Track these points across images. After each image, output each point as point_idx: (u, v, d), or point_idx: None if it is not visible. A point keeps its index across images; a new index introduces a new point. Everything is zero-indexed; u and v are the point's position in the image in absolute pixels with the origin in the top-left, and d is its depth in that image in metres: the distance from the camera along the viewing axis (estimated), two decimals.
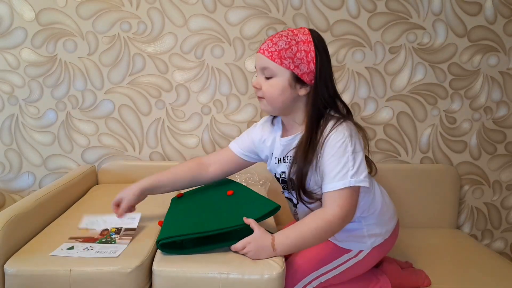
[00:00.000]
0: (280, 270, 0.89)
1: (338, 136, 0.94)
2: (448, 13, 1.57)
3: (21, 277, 0.87)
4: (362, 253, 1.05)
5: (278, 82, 0.96)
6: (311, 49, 0.94)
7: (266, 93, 0.98)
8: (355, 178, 0.93)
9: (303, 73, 0.95)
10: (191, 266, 0.89)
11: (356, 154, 0.94)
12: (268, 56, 0.95)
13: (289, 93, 0.97)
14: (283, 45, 0.94)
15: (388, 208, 1.10)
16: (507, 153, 1.67)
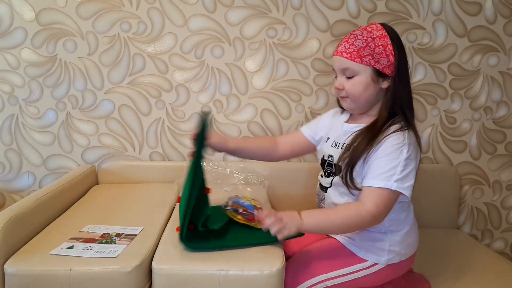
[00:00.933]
0: (280, 266, 0.89)
1: (399, 139, 0.96)
2: (448, 13, 1.57)
3: (21, 277, 0.87)
4: (376, 266, 1.03)
5: (361, 80, 0.99)
6: (388, 42, 0.99)
7: (350, 92, 1.01)
8: (398, 184, 0.94)
9: (383, 66, 0.98)
10: (190, 263, 0.90)
11: (408, 162, 0.96)
12: (347, 57, 0.99)
13: (372, 88, 1.00)
14: (360, 44, 0.98)
15: (414, 233, 1.09)
16: (507, 153, 1.67)
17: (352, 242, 1.06)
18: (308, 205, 1.48)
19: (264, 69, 1.57)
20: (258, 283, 0.88)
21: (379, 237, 1.03)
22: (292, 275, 1.03)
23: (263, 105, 1.60)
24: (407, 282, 1.18)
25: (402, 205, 1.05)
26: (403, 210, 1.06)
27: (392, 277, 1.09)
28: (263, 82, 1.58)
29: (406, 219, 1.07)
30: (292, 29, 1.55)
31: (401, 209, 1.05)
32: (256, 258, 0.92)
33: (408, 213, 1.08)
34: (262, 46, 1.56)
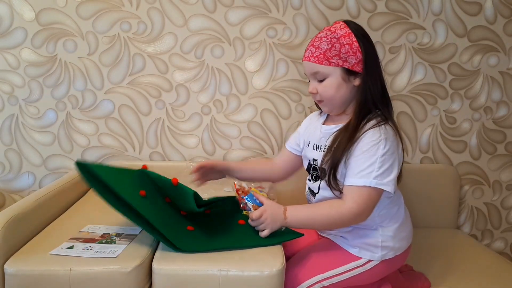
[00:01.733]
0: (280, 266, 0.89)
1: (375, 135, 0.96)
2: (448, 13, 1.57)
3: (21, 277, 0.87)
4: (370, 263, 1.04)
5: (332, 82, 1.00)
6: (353, 40, 0.98)
7: (323, 95, 1.02)
8: (377, 180, 0.94)
9: (352, 64, 0.98)
10: (190, 263, 0.90)
11: (386, 157, 0.96)
12: (315, 61, 0.99)
13: (345, 87, 1.00)
14: (326, 46, 0.98)
15: (407, 227, 1.10)
16: (507, 153, 1.67)
17: (346, 241, 1.07)
18: None
19: (264, 69, 1.57)
20: (258, 284, 0.88)
21: (371, 234, 1.04)
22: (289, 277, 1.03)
23: (263, 105, 1.60)
24: (407, 280, 1.18)
25: (392, 200, 1.05)
26: (394, 205, 1.06)
27: (388, 272, 1.10)
28: (263, 82, 1.58)
29: (397, 214, 1.07)
30: (292, 29, 1.55)
31: (391, 204, 1.05)
32: (256, 259, 0.92)
33: (398, 207, 1.08)
34: (262, 46, 1.56)
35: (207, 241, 0.99)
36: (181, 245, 0.93)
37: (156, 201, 1.05)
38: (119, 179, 1.01)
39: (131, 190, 1.00)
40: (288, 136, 1.61)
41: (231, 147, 1.62)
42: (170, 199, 1.08)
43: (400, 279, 1.17)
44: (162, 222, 0.96)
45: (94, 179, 0.99)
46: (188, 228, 1.01)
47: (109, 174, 1.02)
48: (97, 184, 0.99)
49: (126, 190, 0.98)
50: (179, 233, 0.98)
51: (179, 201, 1.06)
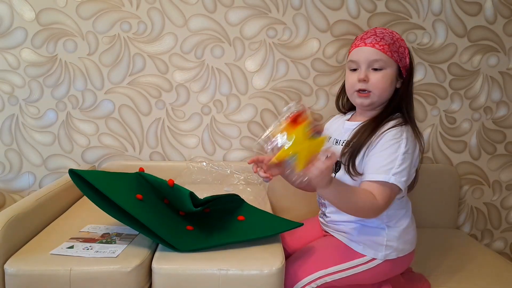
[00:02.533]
0: (279, 265, 0.90)
1: (397, 133, 0.98)
2: (448, 13, 1.57)
3: (21, 277, 0.87)
4: (374, 261, 1.04)
5: (388, 74, 1.02)
6: (405, 46, 1.05)
7: (377, 85, 1.02)
8: (396, 177, 0.95)
9: (403, 66, 1.03)
10: (190, 263, 0.90)
11: (406, 156, 0.96)
12: (380, 48, 1.01)
13: (394, 85, 1.04)
14: (390, 40, 1.02)
15: (412, 231, 1.10)
16: (507, 153, 1.67)
17: (350, 237, 1.07)
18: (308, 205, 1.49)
19: (264, 69, 1.57)
20: (258, 283, 0.88)
21: (377, 232, 1.04)
22: (291, 273, 1.03)
23: (263, 105, 1.60)
24: (406, 281, 1.18)
25: (401, 202, 1.06)
26: (402, 207, 1.07)
27: (391, 274, 1.10)
28: (263, 82, 1.58)
29: (404, 216, 1.08)
30: (292, 29, 1.55)
31: (400, 205, 1.06)
32: (256, 258, 0.92)
33: (406, 210, 1.09)
34: (262, 46, 1.56)
35: (206, 238, 0.99)
36: (180, 245, 0.94)
37: (154, 203, 1.05)
38: (112, 185, 1.01)
39: (126, 195, 1.00)
40: None
41: (231, 147, 1.62)
42: (168, 200, 1.09)
43: (400, 280, 1.17)
44: (160, 224, 0.96)
45: (87, 187, 0.99)
46: (187, 228, 1.01)
47: (103, 180, 1.02)
48: (91, 191, 0.99)
49: (120, 196, 0.98)
50: (179, 233, 0.98)
51: (176, 202, 1.06)
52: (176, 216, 1.05)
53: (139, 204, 1.00)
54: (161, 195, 1.09)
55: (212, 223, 1.07)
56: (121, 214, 0.96)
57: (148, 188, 1.09)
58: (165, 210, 1.05)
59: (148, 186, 1.10)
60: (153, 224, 0.94)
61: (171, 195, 1.07)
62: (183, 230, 1.00)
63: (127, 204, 0.96)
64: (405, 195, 1.09)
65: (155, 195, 1.08)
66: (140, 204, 1.00)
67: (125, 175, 1.11)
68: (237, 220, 1.09)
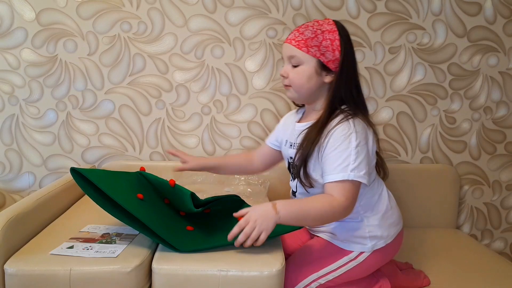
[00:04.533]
0: (280, 266, 0.89)
1: (344, 129, 0.96)
2: (448, 13, 1.57)
3: (21, 277, 0.87)
4: (362, 255, 1.04)
5: (304, 70, 1.00)
6: (336, 37, 0.99)
7: (293, 81, 1.03)
8: (355, 173, 0.94)
9: (328, 60, 0.99)
10: (190, 263, 0.90)
11: (360, 149, 0.96)
12: (295, 45, 1.00)
13: (315, 80, 1.01)
14: (309, 34, 0.99)
15: (393, 213, 1.09)
16: (507, 153, 1.67)
17: (334, 237, 1.07)
18: None
19: (264, 69, 1.57)
20: (258, 284, 0.88)
21: (357, 226, 1.04)
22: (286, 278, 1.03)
23: (263, 105, 1.60)
24: (406, 277, 1.18)
25: (371, 189, 1.05)
26: (373, 194, 1.06)
27: (384, 261, 1.10)
28: (263, 82, 1.58)
29: (379, 202, 1.07)
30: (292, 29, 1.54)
31: (371, 192, 1.05)
32: (256, 259, 0.92)
33: (379, 195, 1.07)
34: (262, 46, 1.56)
35: (207, 239, 0.99)
36: (180, 245, 0.94)
37: (155, 203, 1.05)
38: (114, 184, 1.01)
39: (127, 194, 1.00)
40: None
41: (231, 147, 1.62)
42: (169, 200, 1.09)
43: (399, 276, 1.18)
44: (160, 224, 0.96)
45: (88, 185, 1.00)
46: (187, 228, 1.01)
47: (104, 179, 1.01)
48: (92, 190, 0.99)
49: (122, 195, 0.98)
50: (179, 233, 0.98)
51: (177, 202, 1.06)
52: (177, 216, 1.05)
53: (140, 204, 1.00)
54: (162, 195, 1.09)
55: (212, 223, 1.07)
56: (122, 213, 0.96)
57: (149, 188, 1.09)
58: (166, 210, 1.05)
59: (149, 186, 1.10)
60: (153, 224, 0.94)
61: (172, 195, 1.07)
62: (183, 231, 1.00)
63: (128, 203, 0.96)
64: (375, 179, 1.08)
65: (155, 195, 1.08)
66: (140, 203, 1.00)
67: (126, 174, 1.11)
68: (238, 221, 1.08)
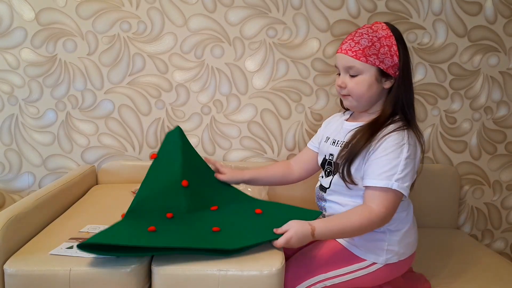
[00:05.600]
0: (279, 266, 0.89)
1: (398, 138, 0.97)
2: (448, 13, 1.57)
3: (21, 277, 0.87)
4: (374, 266, 1.03)
5: (365, 79, 1.00)
6: (393, 43, 0.99)
7: (353, 91, 1.02)
8: (399, 183, 0.94)
9: (388, 67, 0.99)
10: (190, 263, 0.89)
11: (408, 161, 0.96)
12: (353, 55, 0.99)
13: (375, 87, 1.01)
14: (366, 43, 0.99)
15: (413, 233, 1.09)
16: (507, 153, 1.67)
17: (351, 241, 1.06)
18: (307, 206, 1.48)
19: (264, 69, 1.57)
20: (257, 284, 0.88)
21: (378, 237, 1.03)
22: (291, 276, 1.03)
23: (263, 105, 1.60)
24: (407, 281, 1.17)
25: (402, 204, 1.05)
26: (403, 210, 1.06)
27: (391, 277, 1.09)
28: (263, 82, 1.58)
29: (406, 219, 1.07)
30: (292, 29, 1.55)
31: (401, 208, 1.04)
32: (256, 259, 0.91)
33: (407, 212, 1.08)
34: (262, 46, 1.55)
35: (238, 239, 0.96)
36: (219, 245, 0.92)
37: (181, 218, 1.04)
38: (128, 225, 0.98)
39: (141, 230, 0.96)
40: (288, 136, 1.61)
41: (231, 147, 1.62)
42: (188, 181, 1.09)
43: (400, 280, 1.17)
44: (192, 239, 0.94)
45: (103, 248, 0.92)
46: (213, 229, 0.99)
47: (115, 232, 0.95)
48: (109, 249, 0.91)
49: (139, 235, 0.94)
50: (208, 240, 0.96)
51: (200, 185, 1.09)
52: (201, 224, 1.03)
53: (170, 227, 0.99)
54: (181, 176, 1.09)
55: (233, 219, 1.05)
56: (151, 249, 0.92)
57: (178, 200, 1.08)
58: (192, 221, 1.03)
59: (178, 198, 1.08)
60: (183, 242, 0.92)
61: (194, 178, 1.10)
62: (210, 233, 0.98)
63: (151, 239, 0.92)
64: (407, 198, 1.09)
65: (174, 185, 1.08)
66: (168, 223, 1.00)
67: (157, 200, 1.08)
68: (255, 213, 1.07)
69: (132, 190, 1.40)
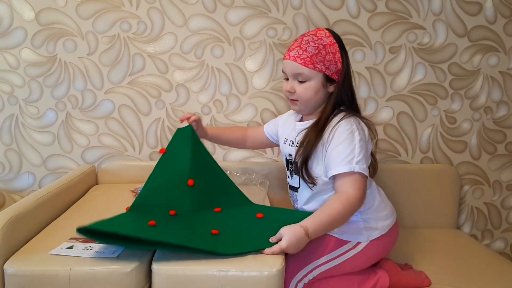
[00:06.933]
0: (280, 267, 0.89)
1: (347, 125, 1.03)
2: (448, 13, 1.57)
3: (21, 277, 0.87)
4: (360, 245, 1.08)
5: (312, 85, 1.05)
6: (337, 50, 1.05)
7: (301, 96, 1.07)
8: (359, 165, 0.99)
9: (332, 72, 1.05)
10: (190, 264, 0.89)
11: (362, 144, 1.02)
12: (301, 63, 1.03)
13: (321, 92, 1.07)
14: (313, 51, 1.03)
15: (385, 206, 1.14)
16: (507, 153, 1.67)
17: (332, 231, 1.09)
18: None
19: (264, 69, 1.57)
20: (257, 284, 0.88)
21: (352, 219, 1.06)
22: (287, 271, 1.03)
23: (263, 105, 1.60)
24: (408, 277, 1.18)
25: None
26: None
27: (381, 253, 1.14)
28: (263, 82, 1.58)
29: (370, 197, 1.10)
30: (292, 29, 1.55)
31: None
32: (256, 259, 0.91)
33: (370, 191, 1.11)
34: (262, 46, 1.56)
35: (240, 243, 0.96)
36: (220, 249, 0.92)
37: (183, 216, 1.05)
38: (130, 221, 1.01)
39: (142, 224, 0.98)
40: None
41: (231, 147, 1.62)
42: (193, 181, 1.10)
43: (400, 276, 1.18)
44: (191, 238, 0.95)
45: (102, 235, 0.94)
46: (212, 232, 0.99)
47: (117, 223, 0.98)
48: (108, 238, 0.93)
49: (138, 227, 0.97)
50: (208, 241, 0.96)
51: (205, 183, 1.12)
52: (201, 225, 1.03)
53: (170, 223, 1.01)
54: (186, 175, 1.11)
55: (234, 223, 1.05)
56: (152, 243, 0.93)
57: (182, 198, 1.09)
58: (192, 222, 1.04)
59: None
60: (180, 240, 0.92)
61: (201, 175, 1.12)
62: (209, 236, 0.98)
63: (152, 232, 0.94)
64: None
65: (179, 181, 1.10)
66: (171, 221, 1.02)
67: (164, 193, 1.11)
68: (256, 218, 1.08)
69: (131, 189, 1.40)
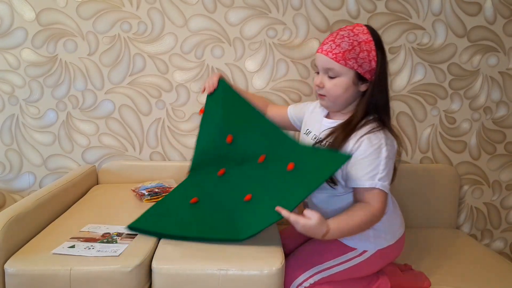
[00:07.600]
0: (279, 266, 0.90)
1: (376, 139, 0.99)
2: (448, 13, 1.57)
3: (21, 277, 0.88)
4: (366, 253, 1.07)
5: (342, 81, 1.02)
6: (372, 48, 1.01)
7: (330, 92, 1.04)
8: (381, 182, 0.97)
9: (365, 71, 1.01)
10: (190, 263, 0.90)
11: (387, 161, 0.99)
12: (333, 57, 1.00)
13: (351, 90, 1.03)
14: (346, 46, 1.00)
15: (396, 217, 1.13)
16: (507, 153, 1.67)
17: None
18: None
19: (264, 69, 1.57)
20: (257, 283, 0.89)
21: None
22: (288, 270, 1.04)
23: None
24: (407, 279, 1.18)
25: None
26: None
27: (385, 262, 1.12)
28: (263, 82, 1.58)
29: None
30: (292, 29, 1.55)
31: None
32: (256, 258, 0.92)
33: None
34: (262, 46, 1.56)
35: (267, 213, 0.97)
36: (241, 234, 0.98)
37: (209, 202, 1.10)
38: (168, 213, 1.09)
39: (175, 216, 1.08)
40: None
41: None
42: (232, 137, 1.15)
43: (400, 277, 1.18)
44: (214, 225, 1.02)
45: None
46: (245, 198, 1.05)
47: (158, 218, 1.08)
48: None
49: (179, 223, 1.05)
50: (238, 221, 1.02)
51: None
52: (239, 189, 1.09)
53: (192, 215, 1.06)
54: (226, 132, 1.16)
55: (267, 181, 1.06)
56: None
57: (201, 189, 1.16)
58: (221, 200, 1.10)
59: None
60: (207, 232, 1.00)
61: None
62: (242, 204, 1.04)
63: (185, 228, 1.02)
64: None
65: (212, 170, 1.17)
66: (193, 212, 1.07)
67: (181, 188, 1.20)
68: (287, 171, 1.05)
69: (132, 188, 1.40)
